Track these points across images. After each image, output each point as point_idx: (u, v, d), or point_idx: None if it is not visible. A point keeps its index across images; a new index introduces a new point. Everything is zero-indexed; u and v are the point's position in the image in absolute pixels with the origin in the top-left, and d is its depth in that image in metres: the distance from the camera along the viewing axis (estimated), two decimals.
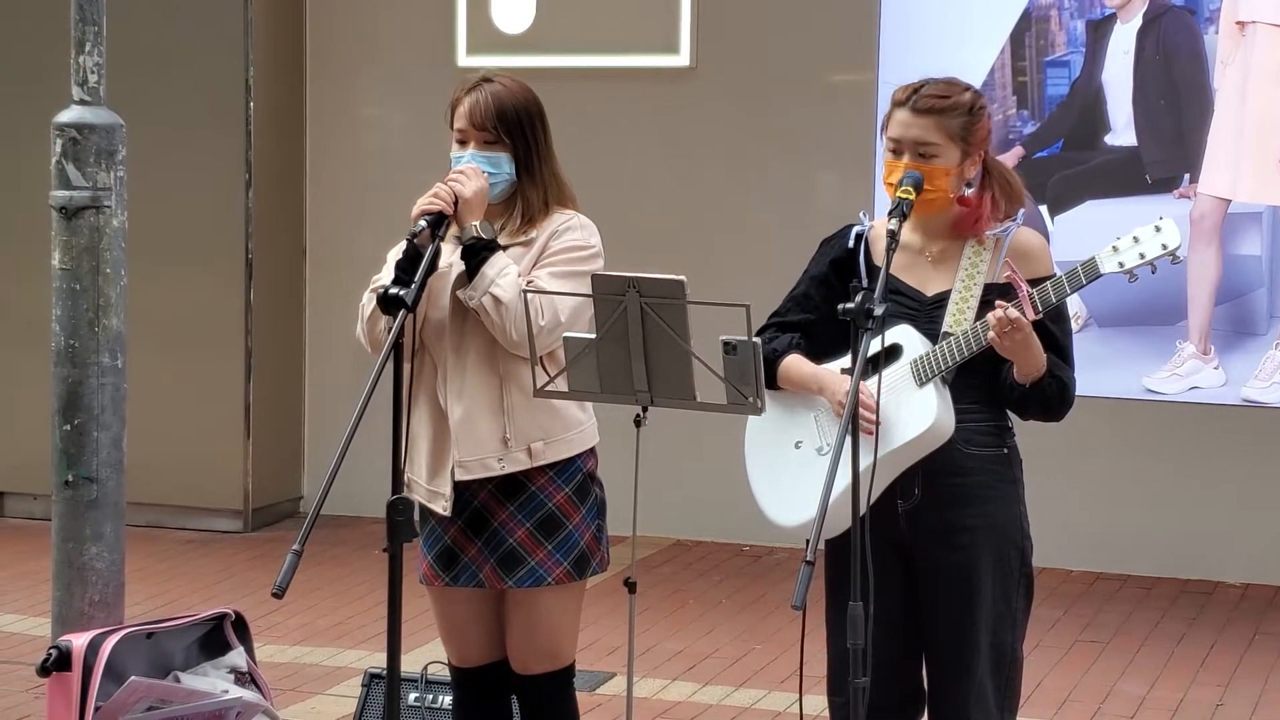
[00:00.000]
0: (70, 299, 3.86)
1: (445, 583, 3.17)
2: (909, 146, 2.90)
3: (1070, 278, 2.82)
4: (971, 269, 2.91)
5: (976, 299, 2.88)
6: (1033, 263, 2.92)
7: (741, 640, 5.08)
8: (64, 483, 3.87)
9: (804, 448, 2.98)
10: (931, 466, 2.89)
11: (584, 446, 3.17)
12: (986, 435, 2.94)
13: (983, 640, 2.92)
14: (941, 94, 2.90)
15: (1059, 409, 2.93)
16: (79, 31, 3.85)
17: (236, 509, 6.38)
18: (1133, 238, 2.82)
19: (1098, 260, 2.83)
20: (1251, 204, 5.59)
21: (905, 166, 2.88)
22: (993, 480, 2.94)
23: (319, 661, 4.86)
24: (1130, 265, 2.82)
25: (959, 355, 2.86)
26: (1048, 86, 5.77)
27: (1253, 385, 5.60)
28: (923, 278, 2.94)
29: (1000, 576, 2.93)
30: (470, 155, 3.11)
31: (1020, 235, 2.96)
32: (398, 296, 2.86)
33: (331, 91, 6.54)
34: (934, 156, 2.89)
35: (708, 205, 6.18)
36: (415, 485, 3.17)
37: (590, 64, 6.18)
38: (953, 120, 2.90)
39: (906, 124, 2.90)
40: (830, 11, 6.00)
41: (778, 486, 3.01)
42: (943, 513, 2.91)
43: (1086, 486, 5.82)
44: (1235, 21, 5.58)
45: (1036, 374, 2.86)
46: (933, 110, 2.89)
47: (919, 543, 2.93)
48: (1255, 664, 4.92)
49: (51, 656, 3.64)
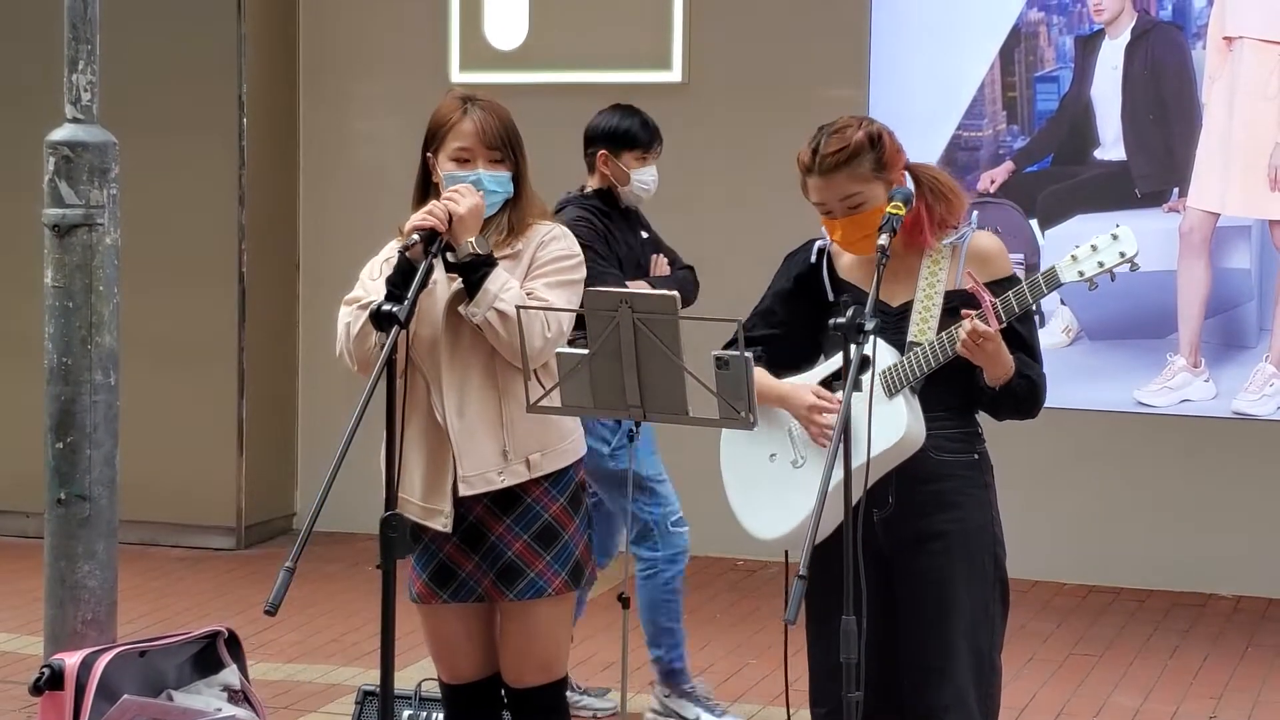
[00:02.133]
0: (63, 317, 3.86)
1: (443, 599, 3.18)
2: (835, 204, 2.96)
3: (1032, 287, 2.87)
4: (931, 277, 2.96)
5: (939, 307, 2.93)
6: (991, 266, 2.98)
7: (735, 655, 5.08)
8: (56, 500, 3.87)
9: (778, 460, 3.02)
10: (904, 475, 2.92)
11: (576, 456, 3.20)
12: (956, 441, 2.99)
13: (960, 644, 2.94)
14: (838, 147, 2.95)
15: (1031, 407, 2.98)
16: (72, 49, 3.86)
17: (229, 526, 6.38)
18: (1091, 246, 2.87)
19: (1057, 269, 2.88)
20: (1240, 217, 5.61)
21: (841, 225, 2.94)
22: (964, 485, 2.98)
23: (312, 679, 4.86)
24: (1090, 274, 2.86)
25: (928, 365, 2.91)
26: (1037, 101, 5.80)
27: (1243, 398, 5.62)
28: (887, 289, 2.97)
29: (975, 581, 2.97)
30: (481, 175, 3.12)
31: (976, 240, 3.01)
32: (391, 313, 2.87)
33: (325, 107, 6.55)
34: (863, 204, 2.94)
35: (700, 220, 6.19)
36: (408, 504, 3.16)
37: (583, 80, 6.20)
38: (861, 165, 2.95)
39: (822, 188, 2.96)
40: (822, 28, 6.02)
41: (754, 499, 3.05)
42: (917, 520, 2.95)
43: (1079, 499, 5.83)
44: (1223, 37, 5.61)
45: (1005, 377, 2.91)
46: (838, 166, 2.94)
47: (896, 551, 2.96)
48: (1248, 676, 4.93)
49: (44, 675, 3.64)
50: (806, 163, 2.96)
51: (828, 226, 3.00)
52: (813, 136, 2.99)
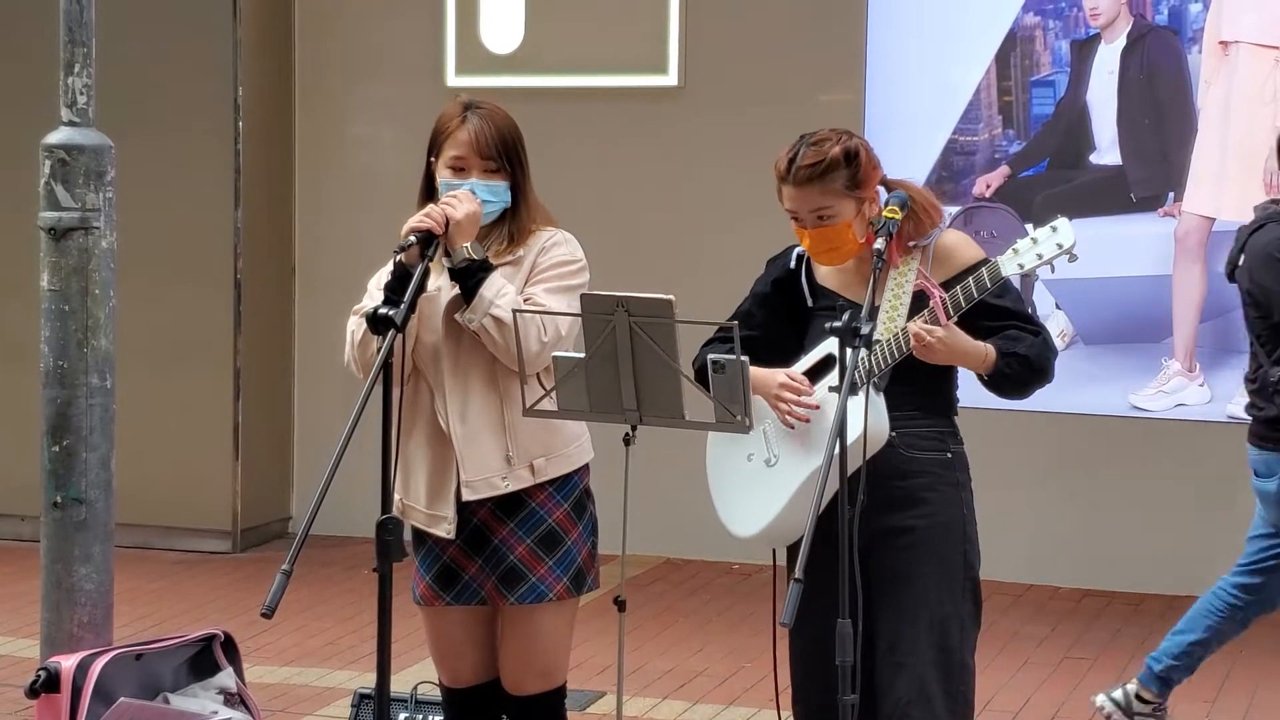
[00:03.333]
0: (59, 320, 3.86)
1: (446, 602, 3.18)
2: (805, 215, 3.01)
3: (976, 281, 2.94)
4: (901, 279, 3.00)
5: (906, 306, 2.97)
6: (955, 259, 3.02)
7: (731, 658, 5.08)
8: (53, 504, 3.87)
9: (755, 460, 3.08)
10: (875, 471, 2.94)
11: (582, 461, 3.20)
12: (928, 440, 3.02)
13: (923, 639, 2.95)
14: (813, 161, 2.98)
15: (1037, 377, 3.01)
16: (68, 53, 3.86)
17: (225, 530, 6.37)
18: (1030, 239, 2.93)
19: (999, 263, 2.94)
20: (1236, 222, 5.61)
21: (810, 235, 3.00)
22: (934, 482, 3.01)
23: (309, 682, 4.86)
24: (1029, 266, 2.92)
25: (884, 362, 2.94)
26: (1033, 106, 5.81)
27: (1238, 402, 5.62)
28: (859, 290, 3.01)
29: (942, 577, 2.98)
30: (474, 184, 3.11)
31: (943, 239, 3.06)
32: (387, 316, 2.87)
33: (321, 111, 6.55)
34: (831, 217, 3.00)
35: (696, 224, 6.19)
36: (412, 511, 3.18)
37: (579, 84, 6.21)
38: (835, 180, 2.99)
39: (795, 198, 3.01)
40: (818, 32, 6.03)
41: (732, 498, 3.12)
42: (887, 516, 2.98)
43: (1073, 503, 5.84)
44: (1218, 41, 5.62)
45: (984, 366, 2.96)
46: (811, 179, 2.98)
47: (869, 548, 2.96)
48: (1242, 679, 4.94)
49: (40, 678, 3.64)
50: (782, 171, 3.02)
51: (798, 234, 3.06)
52: (792, 145, 3.03)
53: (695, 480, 6.16)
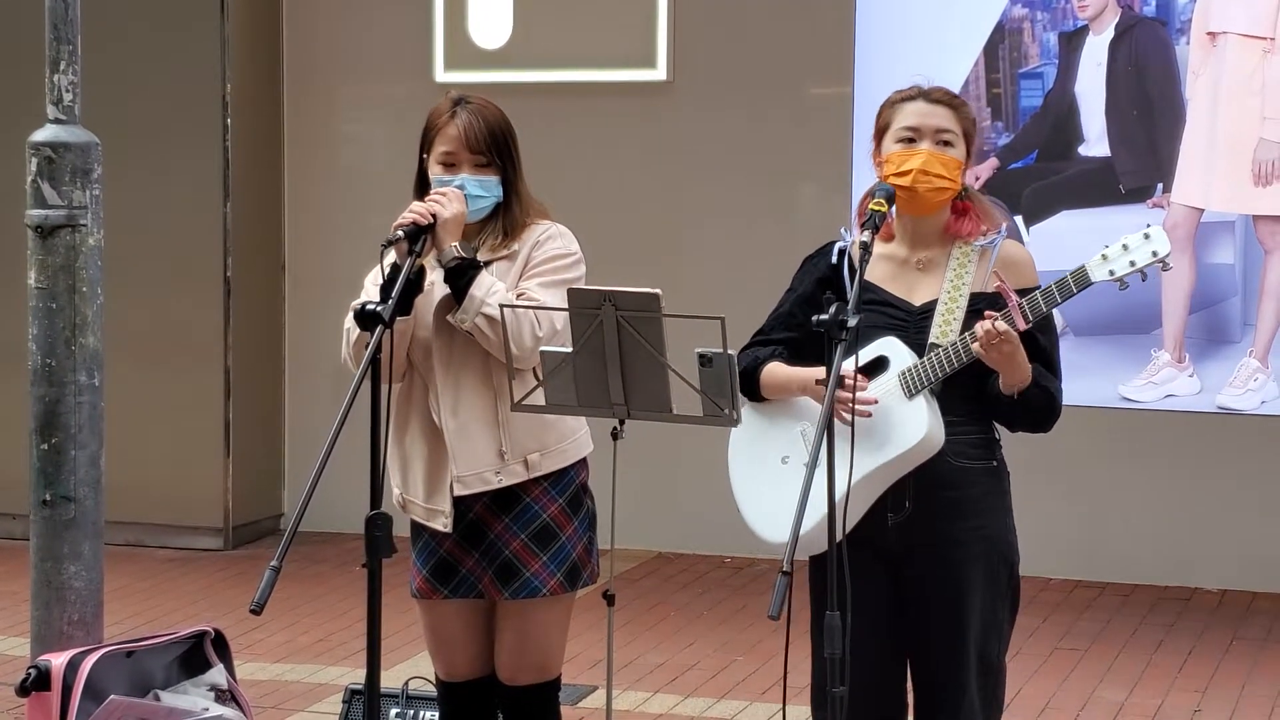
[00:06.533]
0: (46, 318, 3.85)
1: (443, 595, 3.18)
2: (929, 134, 2.91)
3: (1060, 287, 2.81)
4: (957, 279, 2.90)
5: (963, 309, 2.88)
6: (1020, 274, 2.93)
7: (723, 652, 5.08)
8: (42, 502, 3.86)
9: (791, 463, 2.96)
10: (923, 479, 2.88)
11: (578, 456, 3.19)
12: (976, 448, 2.94)
13: (971, 653, 2.93)
14: (948, 92, 2.98)
15: (1047, 419, 2.93)
16: (54, 50, 3.85)
17: (216, 527, 6.37)
18: (1122, 245, 2.82)
19: (1088, 269, 2.82)
20: (1224, 213, 5.63)
21: (924, 154, 2.87)
22: (984, 494, 2.94)
23: (300, 678, 4.85)
24: (1121, 273, 2.82)
25: (947, 367, 2.84)
26: (1021, 98, 5.81)
27: (1227, 393, 5.64)
28: (909, 287, 2.94)
29: (990, 589, 2.94)
30: (464, 179, 3.11)
31: (1007, 246, 2.98)
32: (375, 312, 2.87)
33: (309, 107, 6.54)
34: (951, 145, 2.92)
35: (685, 218, 6.19)
36: (412, 505, 3.19)
37: (567, 78, 6.20)
38: (965, 117, 2.97)
39: (925, 113, 2.93)
40: (807, 25, 6.03)
41: (763, 501, 2.99)
42: (935, 526, 2.91)
43: (1064, 494, 5.85)
44: (1206, 32, 5.62)
45: (1022, 384, 2.86)
46: (949, 103, 2.95)
47: (909, 556, 2.93)
48: (1232, 670, 4.95)
49: (31, 676, 3.63)
50: (912, 94, 2.95)
51: (900, 158, 2.89)
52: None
53: (686, 474, 6.16)
